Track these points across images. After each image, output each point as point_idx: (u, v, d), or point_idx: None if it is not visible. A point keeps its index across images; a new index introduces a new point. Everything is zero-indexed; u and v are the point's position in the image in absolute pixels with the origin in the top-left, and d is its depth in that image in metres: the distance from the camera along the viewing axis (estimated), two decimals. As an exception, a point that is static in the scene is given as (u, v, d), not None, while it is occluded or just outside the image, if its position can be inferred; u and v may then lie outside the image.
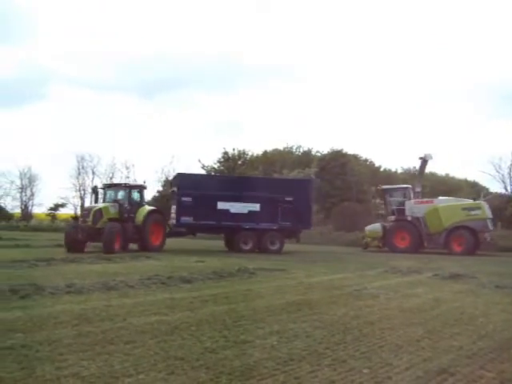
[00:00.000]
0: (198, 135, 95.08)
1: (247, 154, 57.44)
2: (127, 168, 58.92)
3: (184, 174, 30.16)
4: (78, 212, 52.28)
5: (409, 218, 31.45)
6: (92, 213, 23.99)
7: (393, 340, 7.64)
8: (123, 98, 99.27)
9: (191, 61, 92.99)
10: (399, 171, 62.34)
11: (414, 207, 31.53)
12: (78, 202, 63.03)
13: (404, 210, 31.84)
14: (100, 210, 24.19)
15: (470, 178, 62.17)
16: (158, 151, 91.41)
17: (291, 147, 60.07)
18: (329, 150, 53.57)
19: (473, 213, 30.41)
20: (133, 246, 25.79)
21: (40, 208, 65.08)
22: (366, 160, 60.57)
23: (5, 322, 8.02)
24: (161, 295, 11.16)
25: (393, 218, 32.09)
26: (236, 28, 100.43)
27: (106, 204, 25.06)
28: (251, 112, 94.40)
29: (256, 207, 28.10)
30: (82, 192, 63.40)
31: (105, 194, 26.61)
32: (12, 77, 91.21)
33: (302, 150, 59.63)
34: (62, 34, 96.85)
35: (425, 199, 32.74)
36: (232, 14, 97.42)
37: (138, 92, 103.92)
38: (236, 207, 27.81)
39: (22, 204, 64.50)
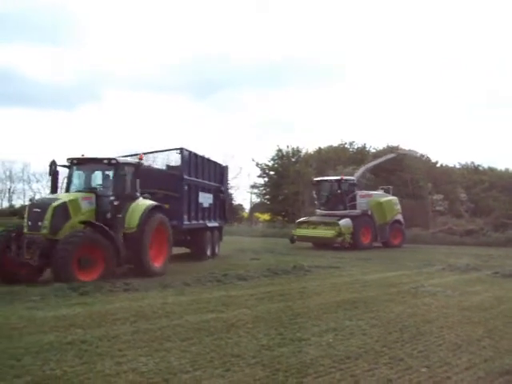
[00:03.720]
0: (251, 134, 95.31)
1: (301, 152, 57.13)
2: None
3: (187, 150, 18.79)
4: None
5: (369, 213, 29.26)
6: (50, 211, 12.59)
7: (451, 339, 7.48)
8: (176, 98, 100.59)
9: (242, 61, 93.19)
10: (457, 166, 60.66)
11: (361, 201, 29.51)
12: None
13: (355, 204, 29.21)
14: (65, 205, 12.92)
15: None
16: (212, 150, 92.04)
17: (345, 144, 59.33)
18: (384, 146, 52.83)
19: (398, 207, 31.45)
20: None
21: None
22: (422, 155, 59.20)
23: (66, 318, 8.27)
24: (217, 293, 11.26)
25: (356, 212, 28.83)
26: (288, 27, 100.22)
27: (76, 194, 13.67)
28: (305, 110, 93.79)
29: (211, 199, 21.09)
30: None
31: (75, 177, 14.56)
32: (66, 79, 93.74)
33: (356, 147, 58.85)
34: (114, 37, 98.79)
35: (364, 192, 30.53)
36: (283, 15, 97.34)
37: (191, 92, 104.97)
38: (206, 200, 20.46)
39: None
